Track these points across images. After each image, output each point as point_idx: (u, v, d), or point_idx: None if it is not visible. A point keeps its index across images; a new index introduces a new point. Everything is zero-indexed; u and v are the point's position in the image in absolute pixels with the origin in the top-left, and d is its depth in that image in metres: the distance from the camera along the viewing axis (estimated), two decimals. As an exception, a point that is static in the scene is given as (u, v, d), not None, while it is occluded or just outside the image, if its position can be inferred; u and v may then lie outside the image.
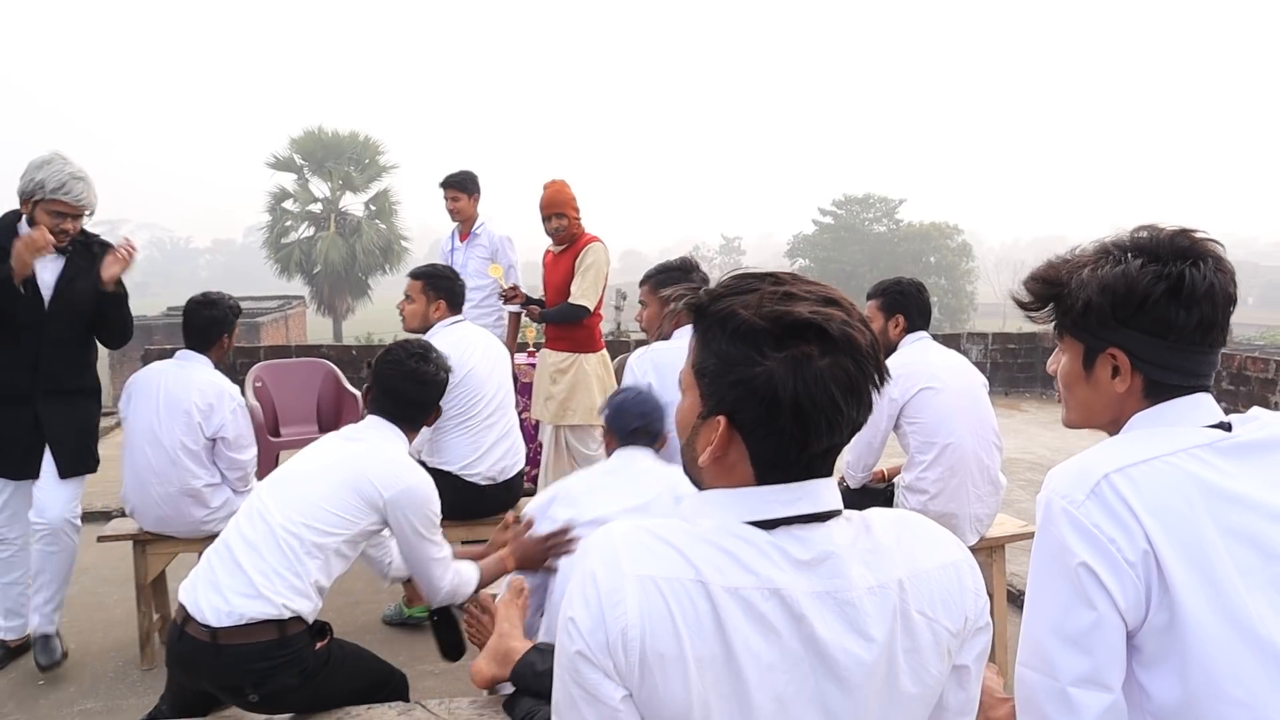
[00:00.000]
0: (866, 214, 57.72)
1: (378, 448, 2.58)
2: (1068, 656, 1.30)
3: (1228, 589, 1.27)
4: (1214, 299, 1.35)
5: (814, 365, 1.08)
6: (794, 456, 1.12)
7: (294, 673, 2.29)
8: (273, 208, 31.66)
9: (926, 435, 3.43)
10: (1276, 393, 8.27)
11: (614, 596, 1.07)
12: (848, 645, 1.10)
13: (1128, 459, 1.33)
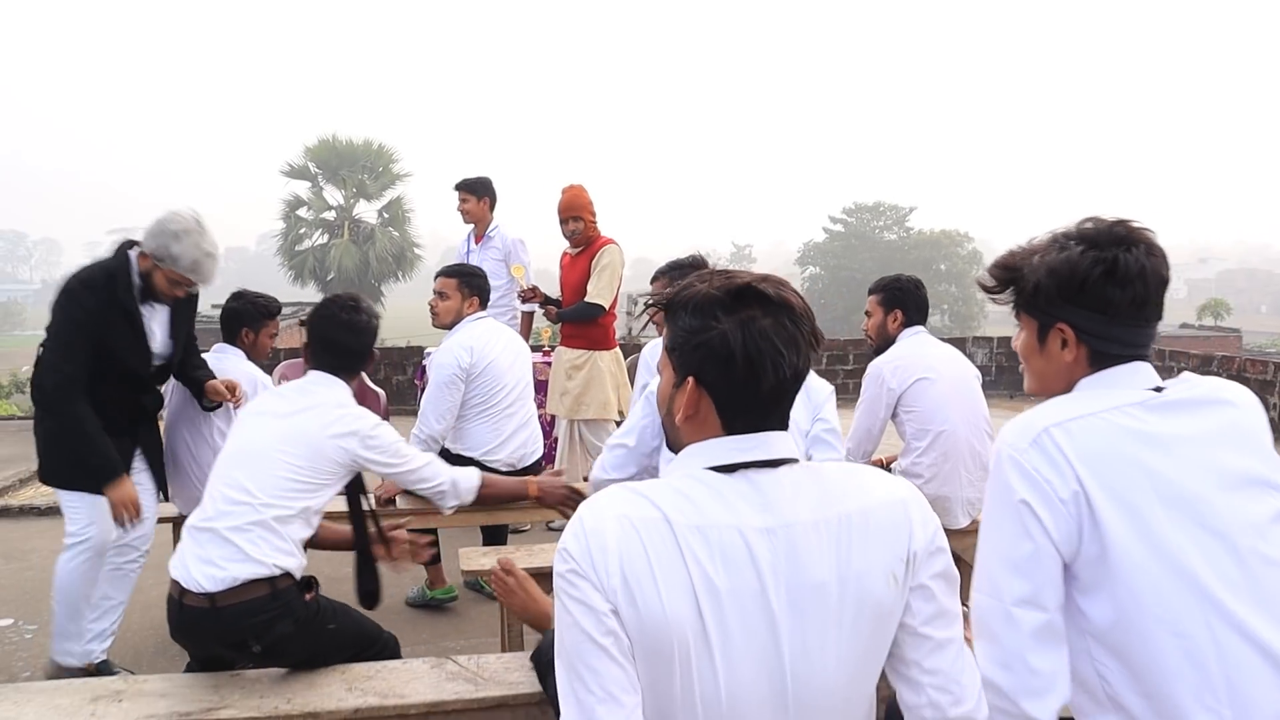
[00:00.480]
0: (877, 222, 57.84)
1: (328, 407, 2.71)
2: (1011, 581, 1.51)
3: (1151, 524, 1.47)
4: (1146, 279, 1.56)
5: (758, 323, 1.33)
6: (750, 401, 1.35)
7: (289, 622, 2.49)
8: (287, 215, 31.94)
9: (922, 423, 3.65)
10: (1275, 393, 8.42)
11: (597, 529, 1.30)
12: (796, 574, 1.30)
13: (1066, 415, 1.55)
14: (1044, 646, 1.49)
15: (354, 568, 2.94)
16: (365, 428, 2.73)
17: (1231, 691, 1.43)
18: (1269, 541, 1.51)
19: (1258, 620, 1.46)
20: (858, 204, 58.44)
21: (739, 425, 1.38)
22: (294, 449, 2.60)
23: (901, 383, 3.67)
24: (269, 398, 2.82)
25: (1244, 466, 1.54)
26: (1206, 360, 9.42)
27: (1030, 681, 1.48)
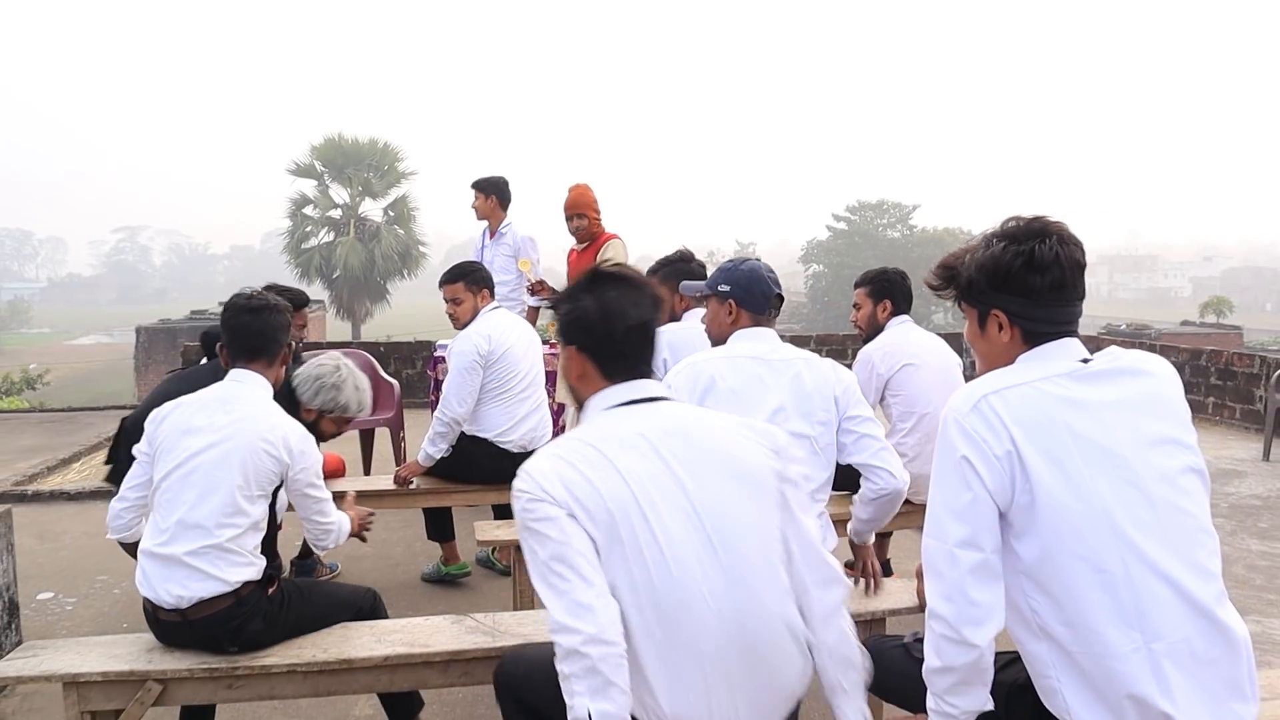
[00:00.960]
0: (880, 220, 58.01)
1: (256, 415, 2.71)
2: (952, 525, 1.76)
3: (1074, 474, 1.72)
4: (1061, 265, 1.80)
5: (607, 294, 1.93)
6: (614, 352, 1.92)
7: (258, 620, 2.64)
8: (293, 213, 32.19)
9: (907, 406, 3.90)
10: (1261, 387, 8.63)
11: (535, 467, 1.80)
12: (687, 448, 1.85)
13: (1002, 384, 1.80)
14: (981, 582, 1.74)
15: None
16: (296, 444, 2.74)
17: (1142, 618, 1.68)
18: (1178, 491, 1.76)
19: (1166, 558, 1.71)
20: (861, 202, 58.64)
21: (616, 375, 1.93)
22: (233, 472, 2.62)
23: (889, 368, 3.92)
24: (195, 411, 2.71)
25: (1158, 429, 1.79)
26: (1195, 355, 9.63)
27: (969, 611, 1.73)
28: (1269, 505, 6.09)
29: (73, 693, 2.47)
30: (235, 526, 2.61)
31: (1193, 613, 1.70)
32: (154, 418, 2.75)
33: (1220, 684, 1.72)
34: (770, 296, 2.88)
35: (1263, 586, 4.57)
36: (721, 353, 2.82)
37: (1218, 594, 1.74)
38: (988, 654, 1.76)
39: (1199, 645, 1.70)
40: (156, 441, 2.71)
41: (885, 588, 3.02)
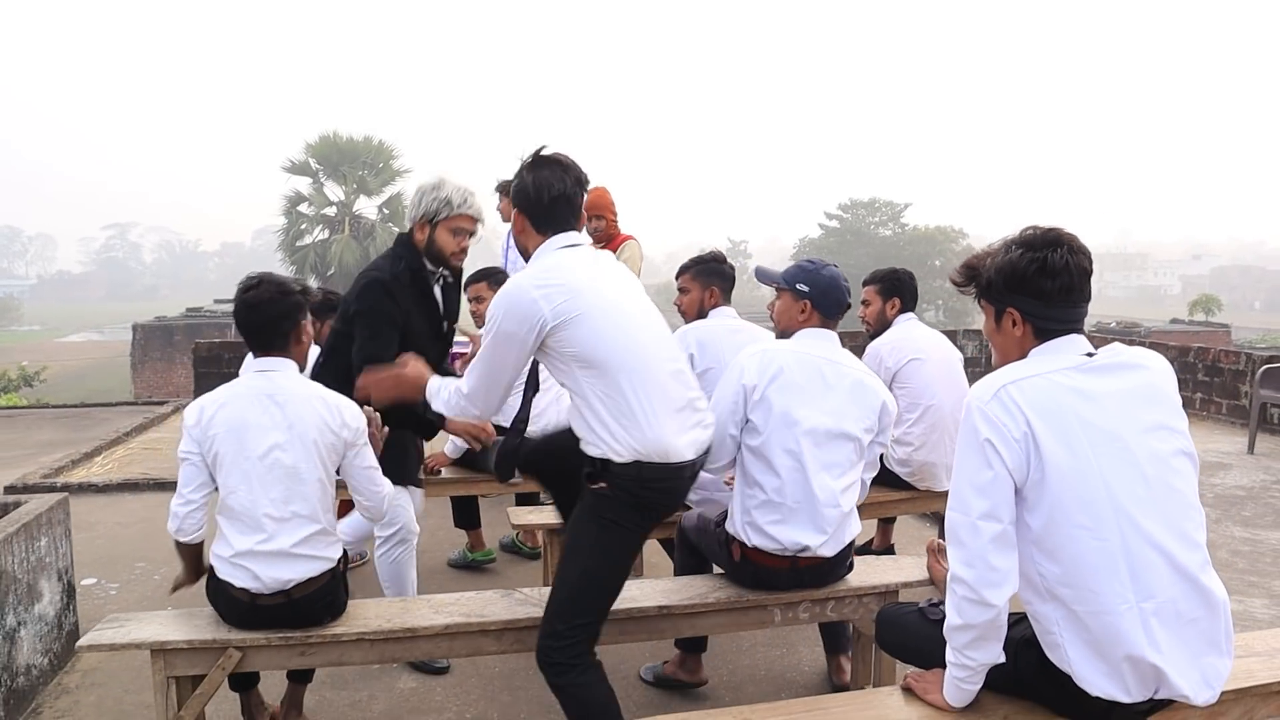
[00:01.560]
0: (872, 218, 58.20)
1: (310, 399, 2.78)
2: (976, 500, 2.01)
3: (1081, 454, 1.97)
4: (1070, 272, 2.06)
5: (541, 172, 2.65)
6: (545, 211, 2.65)
7: (343, 589, 2.90)
8: (288, 211, 32.31)
9: (913, 398, 4.15)
10: (1246, 383, 8.90)
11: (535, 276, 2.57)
12: (609, 271, 2.68)
13: (1019, 375, 2.05)
14: (999, 550, 2.00)
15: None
16: (351, 420, 2.83)
17: (1135, 581, 1.94)
18: (1171, 471, 2.02)
19: (1158, 529, 1.96)
20: (853, 200, 58.83)
21: (545, 231, 2.66)
22: (315, 460, 2.74)
23: (897, 361, 4.17)
24: (247, 409, 2.73)
25: (1154, 416, 2.04)
26: (1184, 352, 9.90)
27: (989, 575, 1.99)
28: (1252, 495, 6.36)
29: (160, 659, 2.68)
30: (330, 510, 2.80)
31: (1179, 577, 1.96)
32: (197, 420, 2.74)
33: (1201, 640, 1.98)
34: (842, 304, 3.11)
35: (1245, 570, 4.82)
36: (790, 346, 3.03)
37: (1202, 562, 2.00)
38: (1003, 613, 2.02)
39: (1183, 605, 1.96)
40: (210, 444, 2.72)
41: (897, 563, 3.27)
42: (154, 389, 27.26)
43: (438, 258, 3.49)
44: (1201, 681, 1.99)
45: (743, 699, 3.46)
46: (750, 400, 2.94)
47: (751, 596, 3.00)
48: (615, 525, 2.57)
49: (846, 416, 2.97)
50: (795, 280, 3.10)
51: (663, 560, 4.80)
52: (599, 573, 2.58)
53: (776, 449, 2.91)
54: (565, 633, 2.54)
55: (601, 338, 2.48)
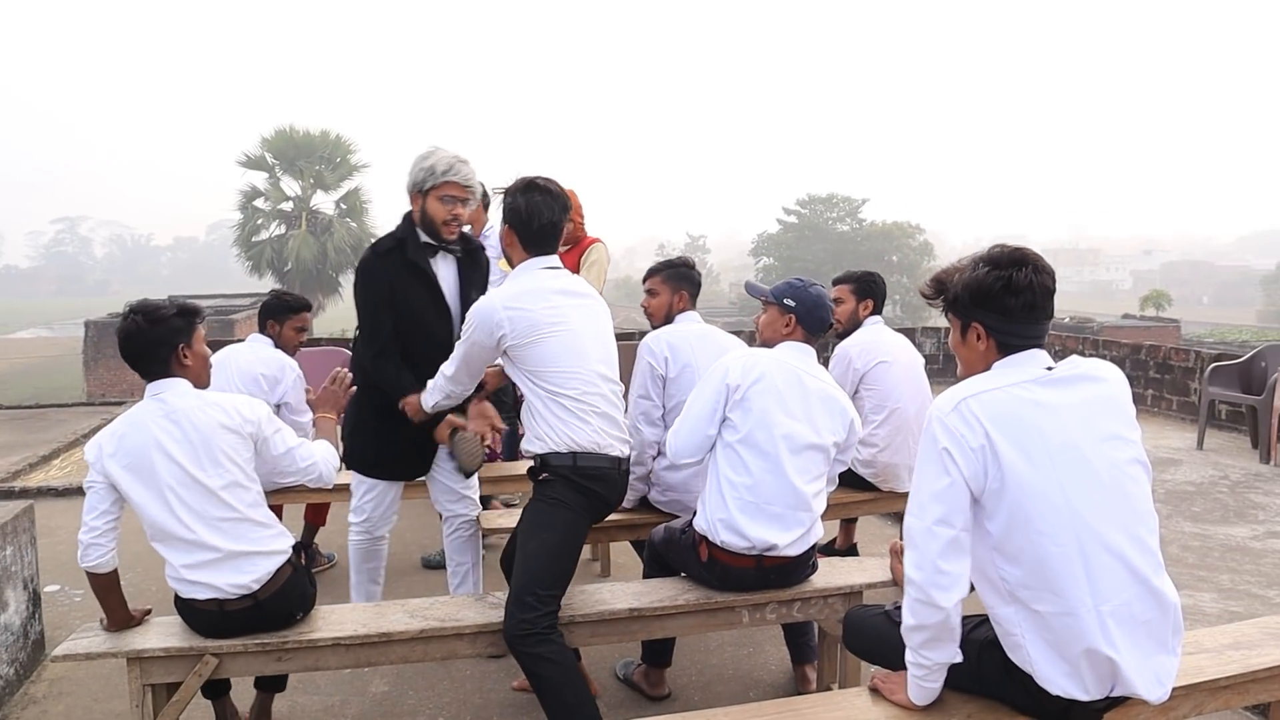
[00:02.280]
0: (830, 213, 58.59)
1: (201, 407, 2.76)
2: (932, 505, 2.09)
3: (1039, 463, 2.05)
4: (1034, 290, 2.13)
5: (535, 197, 3.07)
6: (535, 237, 3.07)
7: (309, 581, 2.94)
8: (244, 206, 31.94)
9: (880, 400, 4.25)
10: (1196, 380, 9.12)
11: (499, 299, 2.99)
12: (574, 297, 3.11)
13: (979, 389, 2.13)
14: (951, 555, 2.08)
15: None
16: (248, 412, 2.82)
17: (1093, 585, 2.02)
18: (1126, 479, 2.10)
19: (1114, 534, 2.05)
20: (811, 195, 59.18)
21: (532, 250, 3.09)
22: (221, 467, 2.72)
23: (866, 364, 4.26)
24: (152, 434, 2.72)
25: (1109, 426, 2.13)
26: (1136, 349, 10.13)
27: (938, 579, 2.07)
28: (1201, 491, 6.54)
29: (136, 667, 2.70)
30: (256, 505, 2.80)
31: (1133, 580, 2.05)
32: (98, 456, 2.76)
33: (1152, 640, 2.08)
34: (825, 322, 3.23)
35: (1194, 565, 4.97)
36: (773, 354, 3.15)
37: (1155, 565, 2.10)
38: (954, 615, 2.10)
39: (1138, 608, 2.05)
40: (116, 477, 2.72)
41: (861, 564, 3.35)
42: (108, 387, 26.83)
43: (431, 228, 3.52)
44: (1154, 679, 2.08)
45: (711, 698, 3.53)
46: (732, 399, 3.06)
47: (720, 598, 3.07)
48: (560, 503, 2.95)
49: (821, 428, 3.08)
50: (783, 295, 3.24)
51: (631, 560, 4.87)
52: (552, 542, 2.90)
53: (753, 448, 3.00)
54: (533, 604, 2.80)
55: (551, 359, 2.96)
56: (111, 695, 3.58)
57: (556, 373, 2.95)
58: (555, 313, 2.99)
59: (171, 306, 2.84)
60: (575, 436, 2.94)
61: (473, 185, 3.53)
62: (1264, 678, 2.45)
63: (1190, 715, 2.41)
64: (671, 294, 3.96)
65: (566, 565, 2.92)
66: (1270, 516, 5.89)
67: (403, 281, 3.49)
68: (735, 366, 3.10)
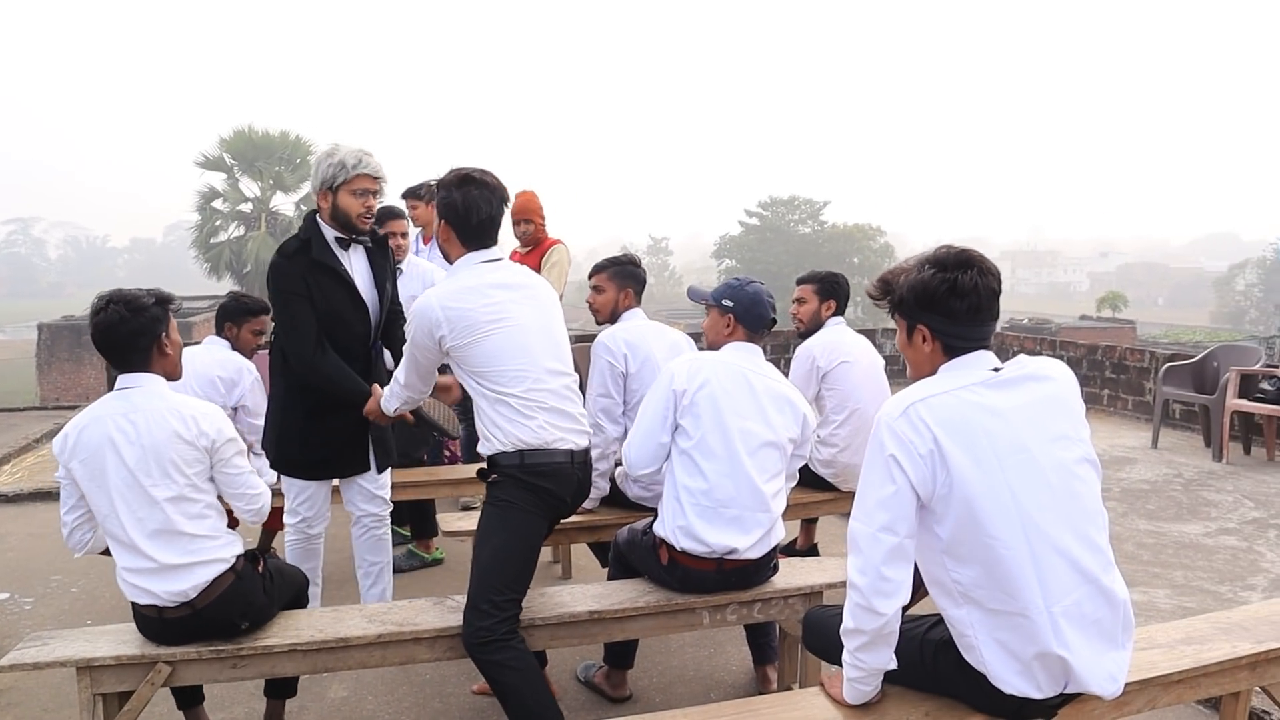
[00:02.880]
0: (792, 215, 58.93)
1: (162, 411, 2.70)
2: (877, 512, 2.09)
3: (988, 467, 2.05)
4: (979, 293, 2.13)
5: (470, 191, 2.96)
6: (473, 231, 2.99)
7: (260, 594, 2.85)
8: (202, 207, 31.56)
9: (841, 400, 4.27)
10: (1150, 380, 9.26)
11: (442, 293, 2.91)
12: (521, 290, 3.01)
13: (926, 393, 2.12)
14: (894, 562, 2.08)
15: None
16: (208, 425, 2.74)
17: (1043, 585, 2.04)
18: (1074, 479, 2.12)
19: (1063, 535, 2.07)
20: (773, 198, 59.49)
21: (470, 245, 2.99)
22: (167, 473, 2.67)
23: (829, 363, 4.29)
24: (106, 427, 2.69)
25: (1057, 426, 2.14)
26: (1092, 350, 10.26)
27: (880, 585, 2.08)
28: (1156, 489, 6.63)
29: (86, 676, 2.64)
30: (202, 517, 2.72)
31: (1083, 579, 2.07)
32: (62, 447, 2.72)
33: (1103, 638, 2.11)
34: (765, 319, 3.22)
35: (1149, 561, 5.04)
36: (717, 357, 3.16)
37: (1104, 564, 2.12)
38: (892, 622, 2.11)
39: (1088, 606, 2.07)
40: (76, 470, 2.70)
41: (821, 564, 3.36)
42: (61, 391, 26.40)
43: (346, 223, 3.53)
44: (1107, 676, 2.10)
45: (672, 699, 3.53)
46: (680, 405, 3.06)
47: (680, 600, 3.06)
48: (511, 505, 2.89)
49: (774, 425, 3.08)
50: (721, 297, 3.25)
51: (590, 563, 4.86)
52: (506, 548, 2.86)
53: (706, 453, 3.00)
54: (489, 610, 2.79)
55: (493, 358, 2.89)
56: (62, 705, 3.51)
57: (500, 371, 2.88)
58: (496, 309, 2.90)
59: (149, 295, 2.80)
60: (521, 435, 2.87)
61: (382, 175, 3.58)
62: (1215, 672, 2.48)
63: (1144, 710, 2.44)
64: (618, 291, 3.97)
65: (521, 569, 2.89)
66: (1222, 514, 5.99)
67: (315, 280, 3.49)
68: (680, 373, 3.10)
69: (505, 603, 2.82)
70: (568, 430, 2.96)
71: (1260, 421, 7.63)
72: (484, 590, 2.81)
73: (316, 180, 3.53)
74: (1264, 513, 5.99)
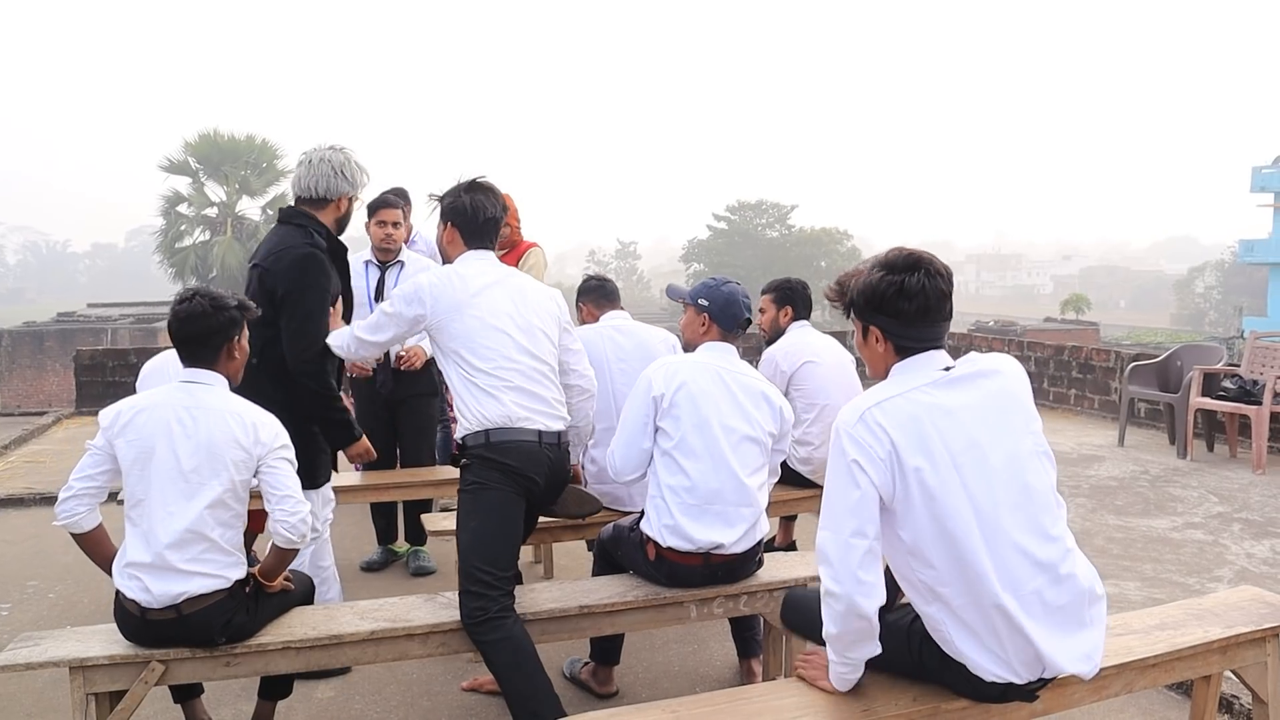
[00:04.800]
0: (759, 219, 59.26)
1: (223, 413, 2.74)
2: (846, 519, 2.13)
3: (942, 467, 2.11)
4: (927, 294, 2.19)
5: (475, 196, 3.21)
6: (478, 230, 3.22)
7: (243, 612, 2.83)
8: (167, 211, 31.35)
9: (809, 399, 4.36)
10: (1116, 380, 9.42)
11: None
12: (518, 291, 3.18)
13: (881, 397, 2.18)
14: (868, 565, 2.14)
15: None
16: (266, 436, 2.77)
17: (1002, 578, 2.10)
18: (1028, 471, 2.17)
19: (1017, 529, 2.13)
20: (741, 202, 59.82)
21: (473, 244, 3.19)
22: (217, 475, 2.69)
23: (791, 365, 4.38)
24: (162, 416, 2.71)
25: (1008, 421, 2.19)
26: (1059, 350, 10.42)
27: (860, 589, 2.13)
28: (1124, 485, 6.77)
29: (79, 676, 2.64)
30: (229, 526, 2.74)
31: (1040, 570, 2.13)
32: (112, 422, 2.73)
33: (1071, 621, 2.18)
34: (740, 319, 3.29)
35: (1119, 555, 5.16)
36: (692, 358, 3.24)
37: (1061, 552, 2.17)
38: (874, 622, 2.16)
39: (1050, 594, 2.14)
40: (121, 448, 2.70)
41: (804, 559, 3.43)
42: (23, 398, 26.04)
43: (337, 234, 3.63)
44: (1081, 657, 2.18)
45: (659, 695, 3.56)
46: (660, 409, 3.14)
47: (668, 594, 3.11)
48: (482, 487, 2.99)
49: (753, 420, 3.15)
50: (698, 296, 3.33)
51: (572, 562, 4.91)
52: (483, 528, 2.96)
53: (688, 451, 3.08)
54: (480, 591, 2.88)
55: (466, 337, 3.03)
56: (46, 710, 3.50)
57: (471, 349, 3.02)
58: (476, 292, 3.06)
59: (234, 298, 2.89)
60: (487, 412, 2.98)
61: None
62: (1188, 655, 2.57)
63: (1121, 693, 2.52)
64: (579, 312, 4.24)
65: (502, 546, 2.96)
66: (1188, 509, 6.12)
67: (337, 282, 3.55)
68: (657, 377, 3.17)
69: (495, 581, 2.89)
70: (536, 411, 3.04)
71: (1223, 419, 7.79)
72: (469, 571, 2.90)
73: (340, 183, 3.50)
74: (1228, 507, 6.13)
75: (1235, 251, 50.10)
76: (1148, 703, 3.49)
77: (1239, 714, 3.29)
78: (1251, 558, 5.11)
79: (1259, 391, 7.18)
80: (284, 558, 2.85)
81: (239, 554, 2.81)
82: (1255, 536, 5.49)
